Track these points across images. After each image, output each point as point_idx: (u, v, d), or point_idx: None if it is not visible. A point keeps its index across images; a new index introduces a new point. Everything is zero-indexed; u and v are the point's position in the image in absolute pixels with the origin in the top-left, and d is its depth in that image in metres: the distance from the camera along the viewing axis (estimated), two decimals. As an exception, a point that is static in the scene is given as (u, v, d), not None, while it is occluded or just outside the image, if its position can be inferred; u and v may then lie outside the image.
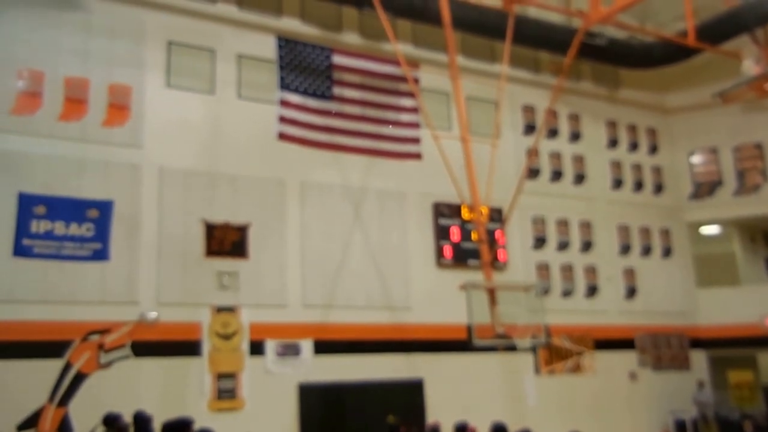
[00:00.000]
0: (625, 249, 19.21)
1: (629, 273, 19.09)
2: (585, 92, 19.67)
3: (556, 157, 18.59)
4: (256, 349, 13.73)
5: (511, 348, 15.22)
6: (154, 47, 14.00)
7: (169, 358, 12.92)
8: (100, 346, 12.41)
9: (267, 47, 15.14)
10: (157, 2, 14.19)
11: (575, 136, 19.12)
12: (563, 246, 18.15)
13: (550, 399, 16.80)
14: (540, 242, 17.83)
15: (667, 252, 19.91)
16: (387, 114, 16.17)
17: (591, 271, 18.41)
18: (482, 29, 16.70)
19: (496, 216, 16.41)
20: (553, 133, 18.64)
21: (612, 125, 19.93)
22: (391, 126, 16.14)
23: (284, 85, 15.07)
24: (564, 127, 19.01)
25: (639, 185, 19.97)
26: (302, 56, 15.35)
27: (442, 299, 15.41)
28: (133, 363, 12.60)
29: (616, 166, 19.71)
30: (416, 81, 16.03)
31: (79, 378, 12.17)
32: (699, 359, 19.50)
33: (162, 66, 14.02)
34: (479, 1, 16.26)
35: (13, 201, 12.21)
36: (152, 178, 13.47)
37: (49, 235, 12.35)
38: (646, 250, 19.57)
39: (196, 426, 8.35)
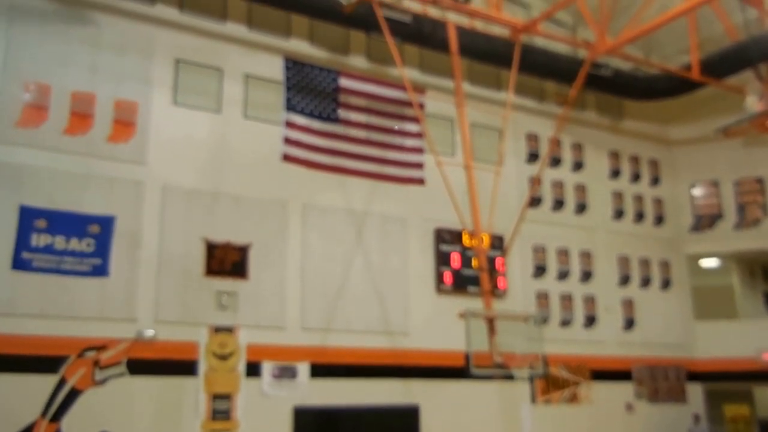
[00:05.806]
0: (625, 280, 19.19)
1: (628, 304, 19.05)
2: (589, 122, 19.73)
3: (558, 186, 18.60)
4: (253, 370, 13.62)
5: (508, 376, 15.15)
6: (162, 64, 14.00)
7: (165, 377, 12.81)
8: (96, 363, 12.31)
9: (274, 68, 15.15)
10: (167, 20, 14.22)
11: (578, 166, 19.15)
12: (563, 275, 18.11)
13: (546, 429, 16.68)
14: (540, 271, 17.79)
15: (665, 284, 19.89)
16: (391, 138, 16.18)
17: (590, 301, 18.36)
18: (489, 57, 16.76)
19: (497, 243, 16.44)
20: (555, 161, 18.67)
21: (615, 156, 19.98)
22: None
23: (290, 107, 15.09)
24: (567, 157, 19.04)
25: (640, 216, 19.99)
26: (309, 78, 15.38)
27: (440, 326, 15.34)
28: (128, 381, 12.49)
29: (618, 196, 19.74)
30: (421, 106, 16.06)
31: (74, 394, 12.05)
32: (695, 392, 19.43)
33: (169, 83, 14.02)
34: (487, 30, 16.32)
35: (14, 214, 12.14)
36: (155, 195, 13.42)
37: (49, 249, 12.28)
38: (645, 282, 19.54)
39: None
